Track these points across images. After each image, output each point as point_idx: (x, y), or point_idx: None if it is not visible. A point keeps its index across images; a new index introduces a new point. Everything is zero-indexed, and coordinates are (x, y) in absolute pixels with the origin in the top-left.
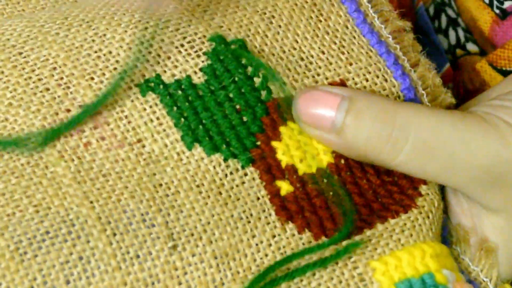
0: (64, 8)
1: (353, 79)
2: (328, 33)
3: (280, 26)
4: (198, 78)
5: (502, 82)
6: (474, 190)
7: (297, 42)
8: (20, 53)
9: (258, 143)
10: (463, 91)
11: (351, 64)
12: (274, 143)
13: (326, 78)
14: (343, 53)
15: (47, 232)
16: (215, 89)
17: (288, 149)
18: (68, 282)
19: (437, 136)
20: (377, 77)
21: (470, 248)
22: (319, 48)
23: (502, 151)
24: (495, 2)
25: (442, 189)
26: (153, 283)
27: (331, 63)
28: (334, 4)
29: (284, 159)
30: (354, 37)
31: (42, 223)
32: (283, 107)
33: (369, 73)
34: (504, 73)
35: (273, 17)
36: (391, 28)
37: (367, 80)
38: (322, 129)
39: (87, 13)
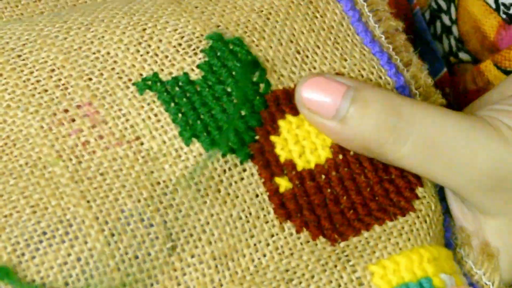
0: (63, 12)
1: (348, 74)
2: (323, 29)
3: (277, 21)
4: (196, 75)
5: (503, 83)
6: (473, 193)
7: (294, 35)
8: (19, 56)
9: (257, 137)
10: (461, 94)
11: (345, 60)
12: (273, 138)
13: (322, 72)
14: (337, 49)
15: (44, 233)
16: (213, 83)
17: (286, 143)
18: (67, 284)
19: (441, 133)
20: (372, 73)
21: (473, 251)
22: (315, 42)
23: (505, 154)
24: (502, 7)
25: (440, 192)
26: (152, 284)
27: (326, 58)
28: (330, 2)
29: (282, 154)
30: (348, 35)
31: (39, 224)
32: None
33: (364, 69)
34: (508, 74)
35: (270, 14)
36: (384, 27)
37: (362, 76)
38: (325, 116)
39: (86, 16)
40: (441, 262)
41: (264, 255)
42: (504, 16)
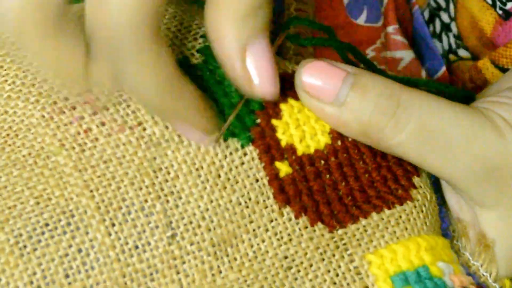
0: None
1: None
2: None
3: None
4: (196, 59)
5: (499, 80)
6: (467, 182)
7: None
8: (19, 49)
9: (258, 120)
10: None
11: None
12: (274, 121)
13: None
14: None
15: (47, 224)
16: (214, 68)
17: (288, 127)
18: (67, 276)
19: (438, 121)
20: None
21: (470, 243)
22: None
23: (497, 143)
24: (498, 3)
25: (435, 183)
26: (151, 274)
27: None
28: None
29: (284, 138)
30: None
31: (42, 215)
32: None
33: None
34: (505, 71)
35: None
36: None
37: None
38: (324, 100)
39: None
40: (438, 251)
41: (263, 241)
42: (500, 12)
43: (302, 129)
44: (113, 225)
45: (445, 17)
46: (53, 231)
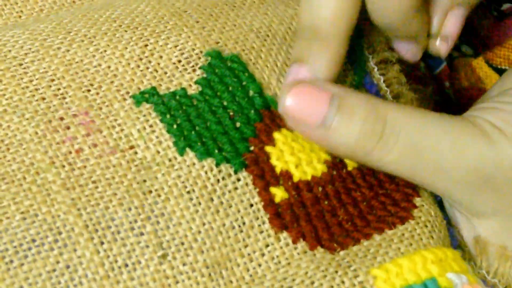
0: (66, 19)
1: None
2: None
3: (274, 44)
4: (193, 90)
5: (495, 85)
6: (463, 194)
7: (289, 59)
8: (20, 64)
9: (251, 147)
10: (457, 89)
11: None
12: (268, 148)
13: None
14: None
15: (33, 240)
16: (209, 97)
17: (282, 154)
18: None
19: (426, 137)
20: None
21: (489, 259)
22: None
23: (488, 153)
24: (493, 4)
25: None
26: None
27: None
28: None
29: (278, 164)
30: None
31: (28, 231)
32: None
33: None
34: (499, 71)
35: (268, 36)
36: (377, 59)
37: None
38: (310, 125)
39: (89, 28)
40: (448, 262)
41: (260, 265)
42: (495, 13)
43: (298, 156)
44: (102, 243)
45: None
46: (40, 247)
